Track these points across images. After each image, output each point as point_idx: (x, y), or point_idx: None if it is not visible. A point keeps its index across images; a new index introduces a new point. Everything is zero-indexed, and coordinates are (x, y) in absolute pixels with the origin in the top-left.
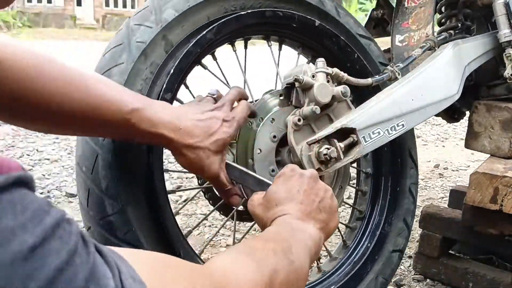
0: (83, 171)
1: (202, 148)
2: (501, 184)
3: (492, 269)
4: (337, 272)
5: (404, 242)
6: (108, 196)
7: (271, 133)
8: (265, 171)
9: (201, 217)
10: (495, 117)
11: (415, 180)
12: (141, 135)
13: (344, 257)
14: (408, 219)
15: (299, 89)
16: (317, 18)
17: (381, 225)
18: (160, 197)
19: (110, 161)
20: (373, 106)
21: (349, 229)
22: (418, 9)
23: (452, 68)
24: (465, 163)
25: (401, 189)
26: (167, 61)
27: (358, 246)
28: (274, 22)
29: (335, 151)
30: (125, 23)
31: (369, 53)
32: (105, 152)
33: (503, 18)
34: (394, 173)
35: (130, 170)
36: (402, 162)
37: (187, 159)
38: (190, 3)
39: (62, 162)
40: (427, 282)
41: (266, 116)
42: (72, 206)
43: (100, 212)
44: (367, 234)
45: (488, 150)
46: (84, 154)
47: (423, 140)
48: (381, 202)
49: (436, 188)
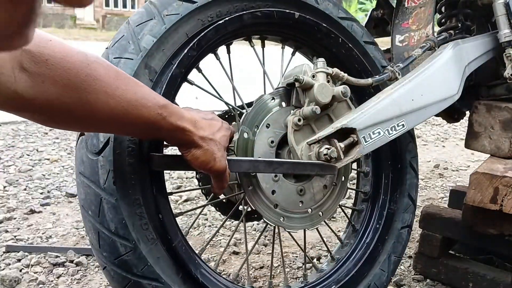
0: (90, 214)
1: (214, 141)
2: (501, 184)
3: (492, 269)
4: (351, 258)
5: (412, 217)
6: (119, 237)
7: (269, 139)
8: (267, 177)
9: (201, 217)
10: (495, 117)
11: (414, 154)
12: (169, 128)
13: (355, 241)
14: (413, 193)
15: (299, 89)
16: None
17: (386, 204)
18: (169, 230)
19: (114, 204)
20: (373, 106)
21: (357, 212)
22: (418, 9)
23: (452, 68)
24: (465, 163)
25: (402, 165)
26: (153, 89)
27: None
28: (253, 23)
29: (335, 151)
30: (103, 54)
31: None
32: (108, 194)
33: (503, 18)
34: (392, 150)
35: (135, 210)
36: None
37: (203, 150)
38: (166, 25)
39: (62, 162)
40: (427, 282)
41: (260, 123)
42: (72, 206)
43: (113, 253)
44: (374, 215)
45: (488, 150)
46: (87, 198)
47: (423, 140)
48: (384, 181)
49: (436, 188)
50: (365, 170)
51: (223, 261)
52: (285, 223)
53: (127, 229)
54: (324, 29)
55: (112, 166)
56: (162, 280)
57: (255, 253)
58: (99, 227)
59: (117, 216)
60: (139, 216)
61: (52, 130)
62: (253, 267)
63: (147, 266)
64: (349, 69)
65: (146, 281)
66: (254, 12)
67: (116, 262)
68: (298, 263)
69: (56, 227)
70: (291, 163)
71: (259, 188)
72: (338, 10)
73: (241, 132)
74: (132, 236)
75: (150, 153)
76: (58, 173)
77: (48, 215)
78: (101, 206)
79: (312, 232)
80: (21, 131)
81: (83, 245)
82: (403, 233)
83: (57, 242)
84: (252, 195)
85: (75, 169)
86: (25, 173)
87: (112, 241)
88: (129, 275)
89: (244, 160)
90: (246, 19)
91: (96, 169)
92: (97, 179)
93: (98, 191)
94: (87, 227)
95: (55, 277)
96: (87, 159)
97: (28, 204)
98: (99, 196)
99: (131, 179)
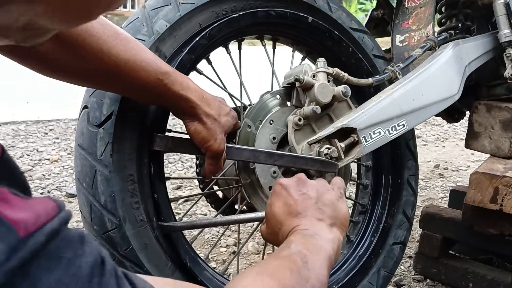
0: (84, 186)
1: (218, 122)
2: (501, 184)
3: (492, 269)
4: (342, 268)
5: (406, 235)
6: (107, 211)
7: (271, 135)
8: (266, 173)
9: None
10: (495, 117)
11: (413, 172)
12: (170, 96)
13: (349, 252)
14: (408, 211)
15: (299, 89)
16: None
17: (383, 218)
18: (162, 212)
19: (108, 176)
20: (373, 106)
21: (353, 223)
22: (418, 9)
23: (452, 68)
24: (465, 163)
25: (401, 181)
26: None
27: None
28: (266, 21)
29: (336, 151)
30: None
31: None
32: (103, 167)
33: (503, 18)
34: (394, 165)
35: (127, 186)
36: (400, 153)
37: (205, 126)
38: (181, 13)
39: (62, 162)
40: (427, 282)
41: (264, 118)
42: (72, 206)
43: (102, 228)
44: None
45: (488, 150)
46: (83, 169)
47: (423, 140)
48: (382, 195)
49: (436, 188)
50: (365, 182)
51: (223, 261)
52: None
53: (114, 204)
54: (336, 36)
55: (111, 139)
56: (145, 268)
57: (255, 253)
58: (92, 199)
59: (108, 189)
60: (131, 193)
61: (52, 130)
62: None
63: (129, 249)
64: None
65: (129, 263)
66: (268, 11)
67: (104, 236)
68: None
69: None
70: (292, 156)
71: (256, 182)
72: (351, 21)
73: (244, 124)
74: (118, 212)
75: (152, 132)
76: (58, 173)
77: None
78: (95, 178)
79: None
80: (21, 131)
81: None
82: (395, 249)
83: None
84: (249, 188)
85: (75, 141)
86: (25, 173)
87: (101, 215)
88: (115, 252)
89: (245, 149)
90: (260, 17)
91: (95, 141)
92: (94, 151)
93: (94, 162)
94: (81, 200)
95: None
96: (87, 131)
97: None
98: (94, 168)
99: (128, 155)
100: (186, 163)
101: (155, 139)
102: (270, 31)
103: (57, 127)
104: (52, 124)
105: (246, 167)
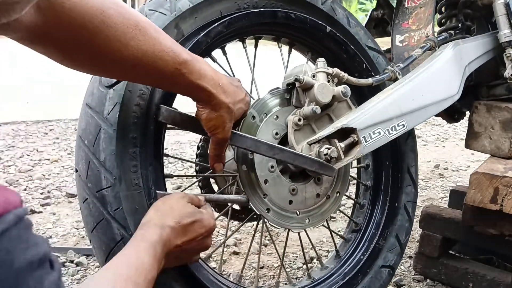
0: (85, 144)
1: (231, 110)
2: (501, 184)
3: (492, 269)
4: (327, 281)
5: (396, 259)
6: (105, 169)
7: (274, 130)
8: (264, 166)
9: None
10: (495, 117)
11: (412, 199)
12: (186, 85)
13: (336, 266)
14: (401, 235)
15: (299, 89)
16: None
17: (375, 238)
18: (157, 180)
19: (111, 134)
20: (373, 106)
21: (344, 240)
22: (418, 9)
23: (452, 68)
24: (465, 163)
25: (398, 205)
26: None
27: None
28: (285, 23)
29: (336, 151)
30: (139, 8)
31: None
32: (108, 125)
33: (503, 18)
34: (392, 188)
35: (129, 148)
36: (401, 177)
37: (218, 115)
38: None
39: (62, 162)
40: (427, 282)
41: (270, 112)
42: (72, 206)
43: (97, 185)
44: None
45: (488, 150)
46: (87, 127)
47: (423, 140)
48: (377, 216)
49: (436, 188)
50: (362, 202)
51: (223, 261)
52: (270, 216)
53: (113, 163)
54: (351, 51)
55: (121, 100)
56: (130, 232)
57: (255, 253)
58: (91, 156)
59: (109, 147)
60: (131, 155)
61: (52, 130)
62: (253, 267)
63: (119, 210)
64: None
65: (116, 224)
66: (288, 13)
67: (97, 194)
68: (299, 263)
69: (56, 227)
70: (292, 153)
71: (253, 173)
72: (368, 39)
73: (250, 113)
74: (115, 171)
75: (159, 104)
76: (58, 173)
77: (48, 215)
78: (98, 136)
79: (312, 233)
80: (21, 131)
81: (83, 245)
82: (383, 272)
83: (57, 242)
84: (244, 178)
85: (83, 101)
86: (25, 173)
87: (98, 172)
88: (104, 211)
89: (248, 137)
90: (280, 17)
91: (104, 100)
92: (102, 110)
93: (100, 121)
94: (79, 157)
95: None
96: (97, 91)
97: (28, 204)
98: (99, 126)
99: (134, 118)
100: (185, 164)
101: (162, 111)
102: (287, 34)
103: (57, 127)
104: (52, 124)
105: (246, 157)
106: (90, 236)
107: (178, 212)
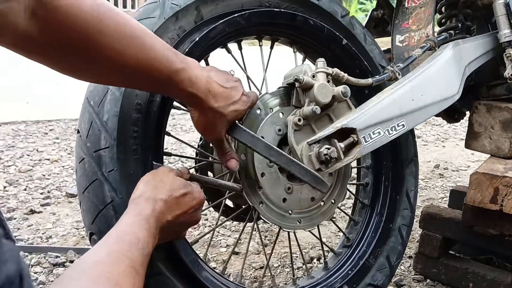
0: (91, 104)
1: (221, 114)
2: (501, 184)
3: (492, 269)
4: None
5: (385, 280)
6: (105, 130)
7: (277, 126)
8: (263, 159)
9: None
10: (495, 117)
11: (407, 222)
12: (178, 92)
13: (323, 277)
14: (392, 257)
15: (299, 89)
16: None
17: (366, 256)
18: (156, 154)
19: (117, 96)
20: (373, 106)
21: (334, 254)
22: (418, 9)
23: (452, 68)
24: (465, 163)
25: (392, 227)
26: (193, 30)
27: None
28: (303, 28)
29: (336, 151)
30: None
31: None
32: (116, 88)
33: (503, 18)
34: (388, 209)
35: (132, 113)
36: (398, 199)
37: (206, 119)
38: None
39: (62, 162)
40: (427, 282)
41: (275, 107)
42: (72, 206)
43: (95, 145)
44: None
45: (488, 150)
46: (96, 89)
47: (423, 140)
48: (371, 234)
49: (436, 188)
50: (357, 219)
51: (223, 261)
52: (262, 209)
53: (115, 124)
54: (364, 66)
55: None
56: (120, 196)
57: (255, 253)
58: (94, 117)
59: (114, 109)
60: (133, 120)
61: (52, 130)
62: (253, 267)
63: (113, 172)
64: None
65: (108, 186)
66: (308, 18)
67: (94, 154)
68: (298, 263)
69: (56, 227)
70: (288, 159)
71: (251, 163)
72: (382, 59)
73: (256, 105)
74: (115, 133)
75: None
76: (58, 173)
77: (48, 215)
78: (104, 97)
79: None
80: (21, 131)
81: (83, 245)
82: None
83: (57, 242)
84: (242, 166)
85: None
86: (25, 173)
87: (99, 132)
88: (98, 172)
89: (248, 132)
90: (297, 21)
91: None
92: None
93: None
94: (83, 117)
95: (55, 277)
96: None
97: (28, 204)
98: (107, 88)
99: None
100: (185, 163)
101: None
102: (304, 40)
103: (57, 127)
104: (52, 124)
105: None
106: (81, 197)
107: (169, 185)
